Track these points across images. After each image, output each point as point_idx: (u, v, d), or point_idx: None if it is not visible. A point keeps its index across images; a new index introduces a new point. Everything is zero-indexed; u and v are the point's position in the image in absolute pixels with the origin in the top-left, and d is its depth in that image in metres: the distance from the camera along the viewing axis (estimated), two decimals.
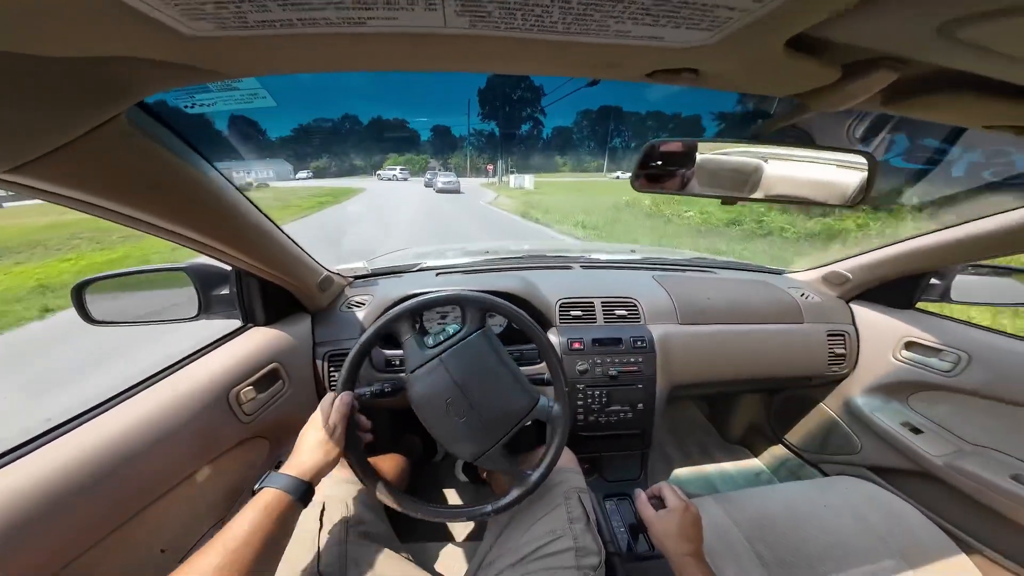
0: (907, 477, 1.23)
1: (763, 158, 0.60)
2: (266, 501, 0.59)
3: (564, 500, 0.86)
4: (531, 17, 0.28)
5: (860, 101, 0.44)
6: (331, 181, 47.69)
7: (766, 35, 0.31)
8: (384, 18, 0.27)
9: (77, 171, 0.44)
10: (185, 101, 0.48)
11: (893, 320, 1.29)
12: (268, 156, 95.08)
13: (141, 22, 0.26)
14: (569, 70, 0.38)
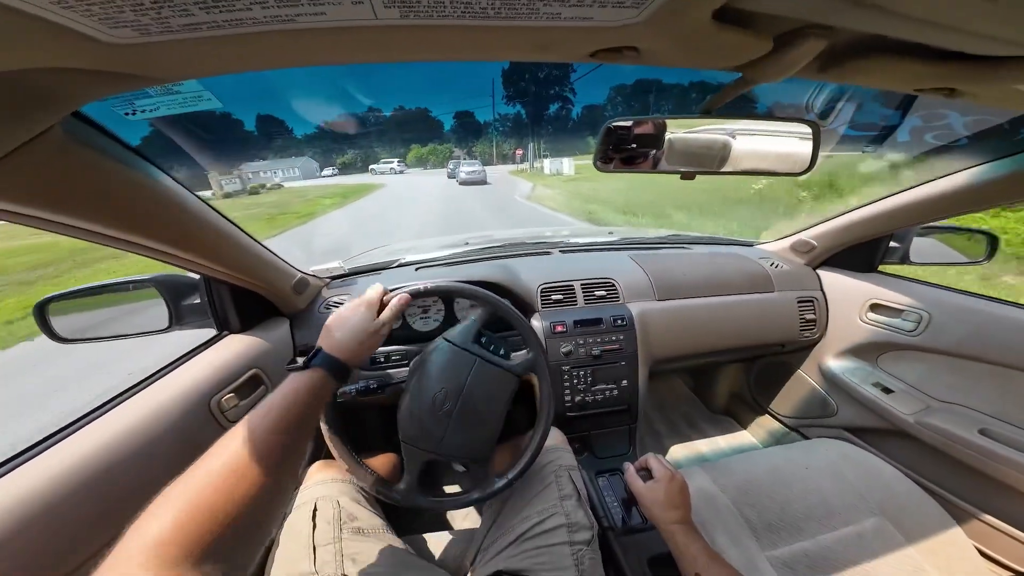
0: (882, 436, 1.27)
1: (715, 132, 0.62)
2: (313, 382, 0.58)
3: (555, 478, 0.87)
4: (460, 5, 0.28)
5: (796, 70, 0.45)
6: (354, 177, 44.70)
7: (690, 9, 0.32)
8: (312, 14, 0.27)
9: (14, 185, 0.42)
10: (125, 108, 0.46)
11: (858, 283, 1.34)
12: (294, 155, 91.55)
13: (57, 33, 0.26)
14: (509, 54, 0.38)
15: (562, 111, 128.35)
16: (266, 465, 0.47)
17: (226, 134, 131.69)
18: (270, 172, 58.57)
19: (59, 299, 0.87)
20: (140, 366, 0.98)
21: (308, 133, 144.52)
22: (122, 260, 8.50)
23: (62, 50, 0.28)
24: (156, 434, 0.72)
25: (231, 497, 0.42)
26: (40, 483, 0.56)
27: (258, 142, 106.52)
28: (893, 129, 4.79)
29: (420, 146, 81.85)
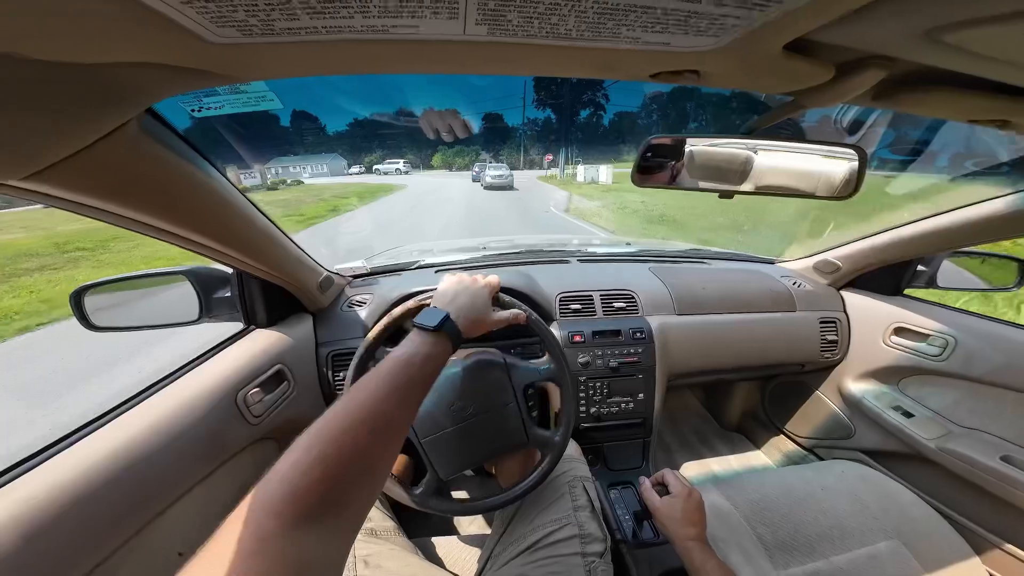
0: (900, 460, 1.26)
1: (758, 151, 0.62)
2: (439, 348, 0.56)
3: (568, 489, 0.87)
4: (547, 25, 0.29)
5: (851, 98, 0.46)
6: (377, 177, 43.00)
7: (767, 39, 0.32)
8: (407, 27, 0.28)
9: (87, 177, 0.44)
10: (192, 104, 0.48)
11: (882, 306, 1.32)
12: (322, 151, 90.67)
13: (166, 28, 0.27)
14: (575, 71, 0.39)
15: (594, 117, 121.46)
16: (388, 418, 0.47)
17: (262, 129, 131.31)
18: (299, 168, 58.41)
19: (95, 287, 0.89)
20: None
21: (339, 131, 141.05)
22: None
23: (165, 45, 0.29)
24: (183, 428, 0.73)
25: (357, 443, 0.42)
26: (70, 476, 0.57)
27: (291, 138, 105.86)
28: (921, 151, 4.74)
29: (447, 148, 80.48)
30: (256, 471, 0.95)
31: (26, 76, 0.30)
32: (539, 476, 0.79)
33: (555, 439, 0.81)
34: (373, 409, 0.46)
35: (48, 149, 0.37)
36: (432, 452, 0.77)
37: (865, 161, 0.57)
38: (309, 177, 50.13)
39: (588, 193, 18.55)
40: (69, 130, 0.37)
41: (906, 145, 5.05)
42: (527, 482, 0.79)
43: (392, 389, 0.48)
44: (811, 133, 0.68)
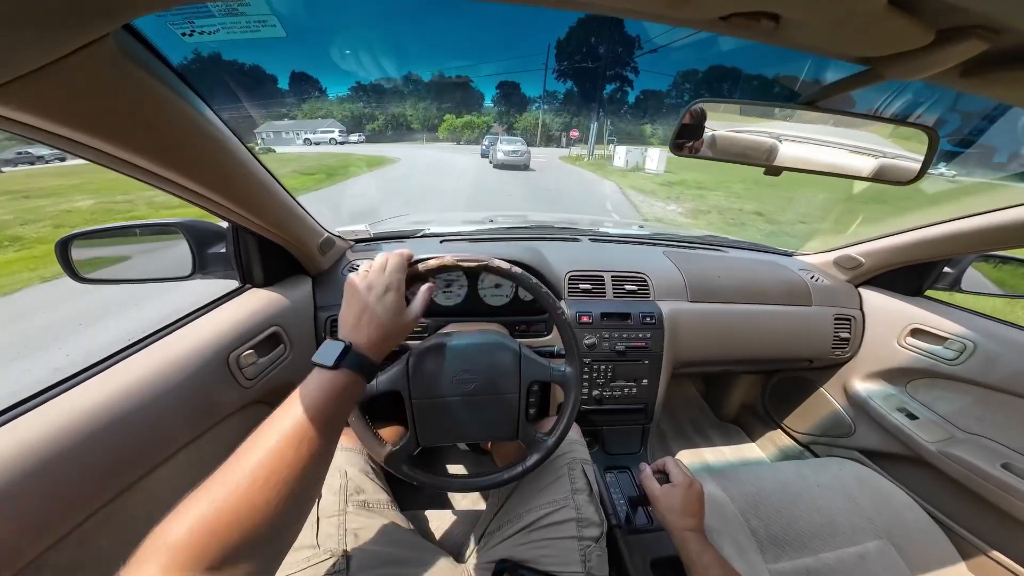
0: (898, 462, 1.26)
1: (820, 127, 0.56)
2: (345, 384, 0.51)
3: (568, 471, 0.86)
4: None
5: (940, 71, 0.41)
6: (375, 147, 38.59)
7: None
8: None
9: (54, 99, 0.38)
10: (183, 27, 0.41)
11: (901, 306, 1.29)
12: (319, 117, 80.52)
13: None
14: (639, 5, 0.33)
15: (620, 92, 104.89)
16: (291, 473, 0.43)
17: (256, 90, 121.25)
18: (292, 133, 52.39)
19: (83, 236, 0.84)
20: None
21: (340, 95, 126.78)
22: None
23: None
24: (171, 386, 0.69)
25: (254, 504, 0.40)
26: (40, 435, 0.53)
27: (288, 101, 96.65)
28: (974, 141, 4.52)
29: (455, 116, 70.38)
30: (246, 436, 0.93)
31: None
32: (520, 472, 0.76)
33: (546, 442, 0.78)
34: (270, 467, 0.43)
35: (4, 64, 0.32)
36: (420, 415, 0.74)
37: (936, 144, 0.51)
38: (300, 145, 45.12)
39: (643, 185, 13.45)
40: (31, 41, 0.31)
41: (962, 140, 4.85)
42: (507, 474, 0.77)
43: (294, 443, 0.45)
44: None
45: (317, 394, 0.48)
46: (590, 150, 29.40)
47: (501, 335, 0.82)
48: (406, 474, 0.75)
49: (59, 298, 4.08)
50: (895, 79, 0.43)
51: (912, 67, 0.39)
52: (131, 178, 0.55)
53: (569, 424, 0.79)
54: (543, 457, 0.78)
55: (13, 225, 7.60)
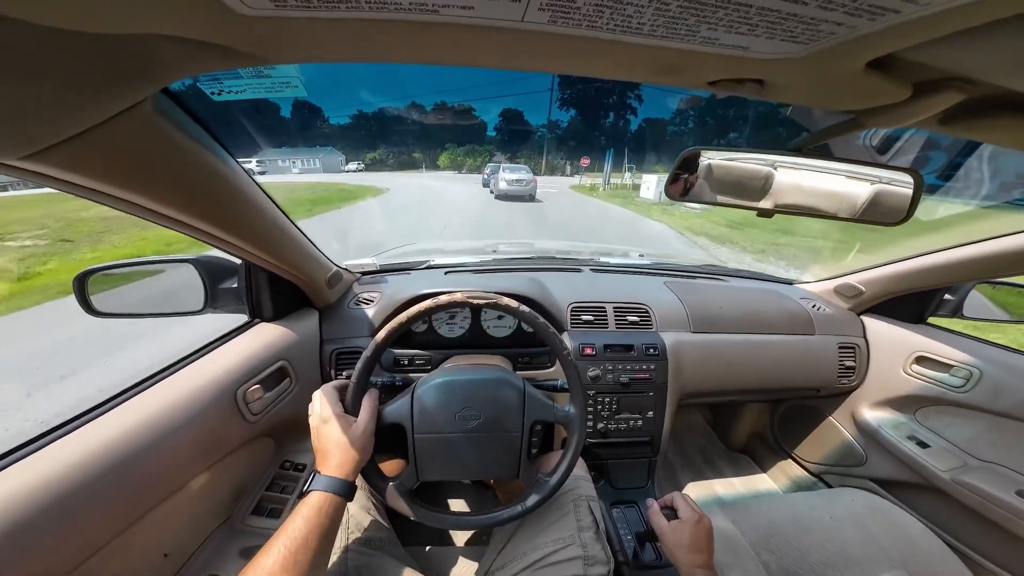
0: (911, 490, 1.23)
1: (807, 170, 0.59)
2: (319, 504, 0.61)
3: (574, 507, 0.85)
4: (618, 17, 0.26)
5: (918, 120, 0.43)
6: (373, 175, 37.15)
7: (855, 52, 0.29)
8: (460, 6, 0.25)
9: (96, 159, 0.41)
10: (212, 87, 0.44)
11: (904, 334, 1.29)
12: (320, 144, 79.59)
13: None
14: (630, 73, 0.36)
15: (619, 122, 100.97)
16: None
17: (260, 118, 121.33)
18: (288, 162, 51.36)
19: (100, 271, 0.87)
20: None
21: (341, 124, 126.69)
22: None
23: (189, 14, 0.26)
24: (179, 424, 0.70)
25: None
26: (56, 470, 0.54)
27: (289, 129, 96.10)
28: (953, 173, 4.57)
29: (456, 146, 68.72)
30: (251, 470, 0.93)
31: (32, 45, 0.27)
32: (520, 511, 0.76)
33: (548, 483, 0.78)
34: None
35: (52, 127, 0.34)
36: (421, 450, 0.74)
37: (921, 186, 0.54)
38: (298, 173, 44.52)
39: (701, 226, 10.35)
40: (77, 107, 0.34)
41: (947, 168, 4.92)
42: (507, 512, 0.76)
43: (292, 556, 0.54)
44: (836, 150, 0.65)
45: (298, 519, 0.59)
46: (605, 178, 26.59)
47: (505, 371, 0.82)
48: (403, 509, 0.74)
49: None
50: (877, 127, 0.46)
51: (892, 117, 0.42)
52: (151, 222, 0.58)
53: (572, 465, 0.78)
54: (543, 499, 0.77)
55: None
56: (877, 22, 0.25)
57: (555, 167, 55.03)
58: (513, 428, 0.75)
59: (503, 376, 0.79)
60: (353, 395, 0.73)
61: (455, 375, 0.77)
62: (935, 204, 5.48)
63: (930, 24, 0.25)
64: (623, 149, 53.90)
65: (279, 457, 0.99)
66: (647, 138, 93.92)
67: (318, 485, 0.64)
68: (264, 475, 0.95)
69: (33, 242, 8.06)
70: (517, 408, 0.76)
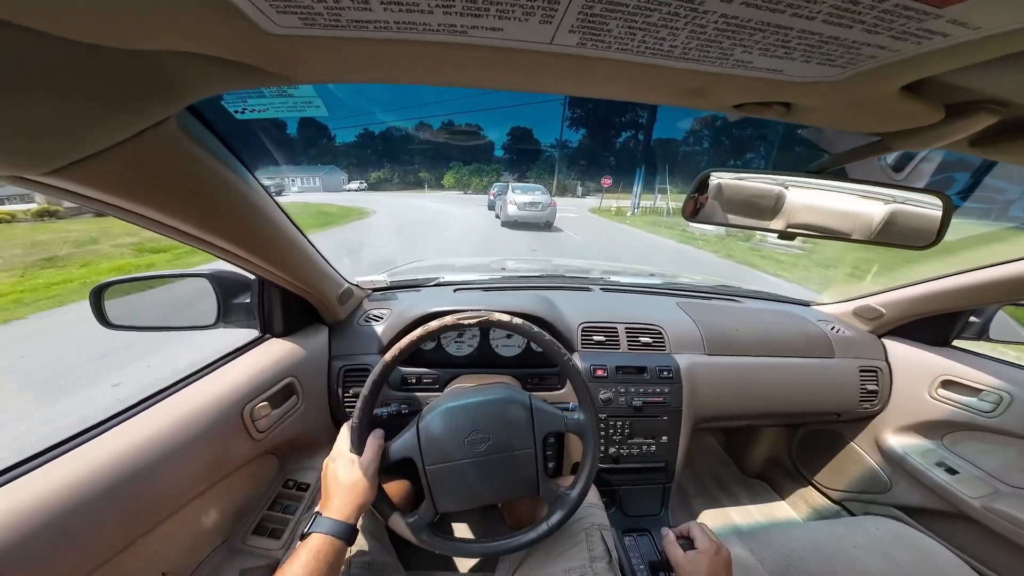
0: (939, 518, 1.19)
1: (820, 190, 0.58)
2: (317, 547, 0.61)
3: (585, 536, 0.82)
4: (651, 40, 0.25)
5: (948, 143, 0.42)
6: (369, 196, 34.27)
7: (892, 76, 0.29)
8: (489, 28, 0.24)
9: (119, 175, 0.41)
10: (236, 105, 0.45)
11: (929, 357, 1.25)
12: (322, 162, 74.55)
13: (220, 10, 0.23)
14: (656, 96, 0.36)
15: (630, 142, 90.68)
16: None
17: (275, 135, 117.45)
18: (287, 180, 46.26)
19: (116, 284, 0.88)
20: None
21: (346, 141, 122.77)
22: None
23: (217, 32, 0.26)
24: (184, 441, 0.70)
25: None
26: (57, 488, 0.53)
27: (293, 146, 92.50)
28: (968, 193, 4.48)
29: (462, 164, 63.15)
30: (253, 488, 0.91)
31: (59, 59, 0.27)
32: (546, 531, 0.74)
33: (570, 495, 0.75)
34: None
35: (77, 143, 0.34)
36: (435, 482, 0.72)
37: (951, 209, 0.52)
38: (297, 192, 41.17)
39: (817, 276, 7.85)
40: (103, 124, 0.34)
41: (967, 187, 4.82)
42: (533, 533, 0.74)
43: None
44: (851, 170, 0.64)
45: (297, 563, 0.59)
46: (635, 201, 22.12)
47: (509, 387, 0.81)
48: (426, 542, 0.72)
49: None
50: (904, 149, 0.45)
51: (922, 140, 0.41)
52: (168, 237, 0.58)
53: (592, 474, 0.76)
54: (568, 513, 0.75)
55: None
56: (923, 46, 0.24)
57: (566, 187, 51.36)
58: (525, 445, 0.73)
59: (507, 393, 0.77)
60: (358, 433, 0.71)
61: (458, 400, 0.75)
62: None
63: (977, 48, 0.24)
64: (654, 167, 45.90)
65: (282, 475, 0.98)
66: (685, 155, 78.19)
67: (318, 528, 0.63)
68: (267, 494, 0.94)
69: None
70: (526, 424, 0.74)
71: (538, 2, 0.22)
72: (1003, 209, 5.65)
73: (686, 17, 0.23)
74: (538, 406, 0.76)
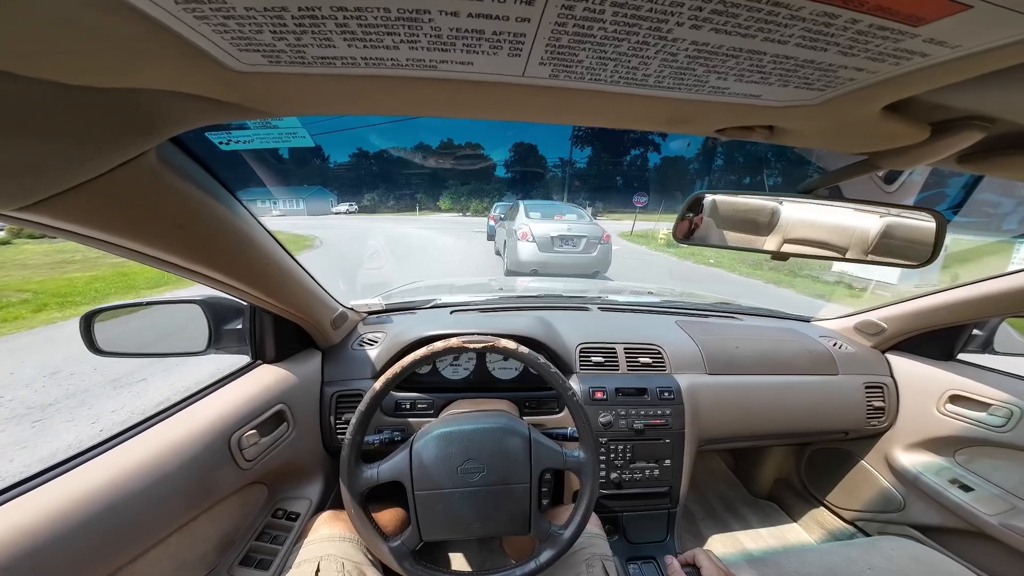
0: (956, 536, 1.15)
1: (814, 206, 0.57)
2: None
3: (586, 568, 0.79)
4: (622, 70, 0.25)
5: (936, 160, 0.41)
6: (348, 220, 30.31)
7: (872, 97, 0.28)
8: (458, 63, 0.24)
9: (98, 209, 0.41)
10: (221, 137, 0.45)
11: (935, 372, 1.23)
12: (309, 183, 67.85)
13: (182, 51, 0.23)
14: (638, 123, 0.35)
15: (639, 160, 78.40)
16: None
17: (253, 163, 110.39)
18: (269, 203, 41.12)
19: (106, 311, 0.87)
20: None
21: (339, 162, 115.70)
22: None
23: (183, 71, 0.26)
24: (172, 468, 0.67)
25: None
26: (34, 519, 0.51)
27: (283, 171, 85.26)
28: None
29: (460, 183, 58.90)
30: (240, 518, 0.88)
31: (30, 99, 0.26)
32: (534, 568, 0.71)
33: (562, 535, 0.73)
34: None
35: (51, 180, 0.34)
36: (423, 508, 0.69)
37: (944, 226, 0.51)
38: (278, 215, 36.64)
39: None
40: (77, 161, 0.34)
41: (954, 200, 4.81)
42: (518, 571, 0.71)
43: None
44: (845, 187, 0.64)
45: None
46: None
47: (509, 417, 0.79)
48: (408, 571, 0.70)
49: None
50: (892, 168, 0.44)
51: (909, 158, 0.40)
52: (155, 268, 0.58)
53: (587, 516, 0.73)
54: (558, 553, 0.72)
55: None
56: (901, 67, 0.23)
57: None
58: (520, 480, 0.71)
59: (506, 424, 0.75)
60: (346, 462, 0.70)
61: (455, 425, 0.73)
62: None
63: (958, 67, 0.23)
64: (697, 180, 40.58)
65: (271, 505, 0.95)
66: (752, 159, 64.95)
67: None
68: (255, 524, 0.90)
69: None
70: (523, 457, 0.72)
71: (504, 36, 0.22)
72: (997, 222, 5.62)
73: (655, 46, 0.23)
74: (537, 439, 0.74)
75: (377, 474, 0.71)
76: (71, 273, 8.14)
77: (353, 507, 0.71)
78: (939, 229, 0.52)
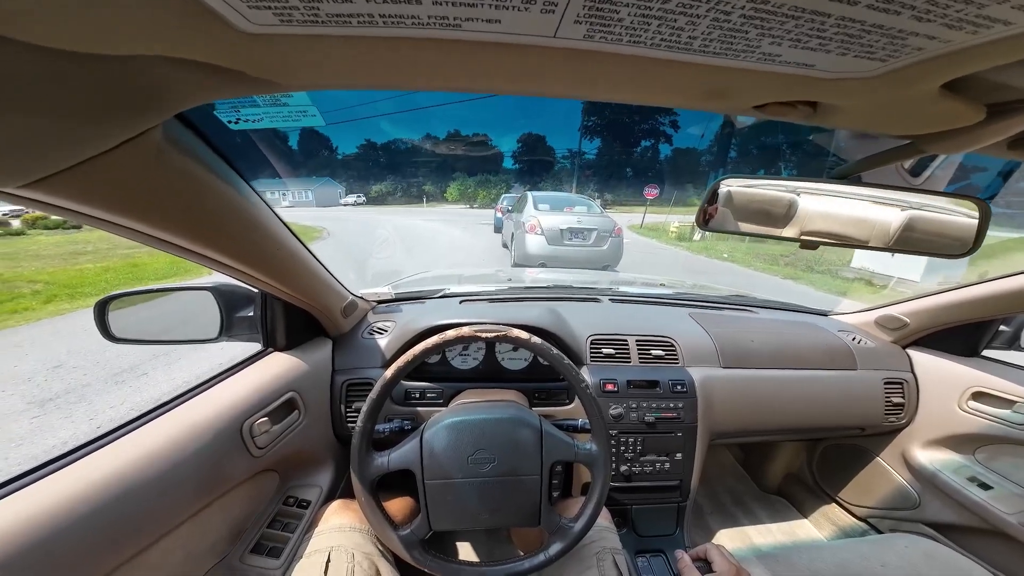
0: (973, 535, 1.13)
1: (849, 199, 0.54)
2: None
3: (597, 562, 0.78)
4: (666, 30, 0.22)
5: (985, 145, 0.39)
6: (357, 212, 29.86)
7: (938, 72, 0.26)
8: (485, 20, 0.22)
9: (100, 188, 0.39)
10: (229, 116, 0.43)
11: (958, 368, 1.19)
12: (317, 174, 67.28)
13: (192, 11, 0.22)
14: (670, 98, 0.33)
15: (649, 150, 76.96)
16: None
17: (262, 145, 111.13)
18: (278, 194, 41.66)
19: (120, 297, 0.87)
20: None
21: (346, 153, 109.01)
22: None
23: (189, 32, 0.24)
24: (184, 457, 0.68)
25: None
26: (45, 508, 0.51)
27: (291, 157, 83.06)
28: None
29: (467, 175, 57.25)
30: (252, 505, 0.89)
31: (30, 71, 0.25)
32: (543, 560, 0.70)
33: (573, 528, 0.72)
34: None
35: (53, 157, 0.33)
36: (432, 497, 0.69)
37: (987, 215, 0.48)
38: (288, 206, 37.03)
39: None
40: (80, 137, 0.32)
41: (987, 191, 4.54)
42: (528, 563, 0.71)
43: None
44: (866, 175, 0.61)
45: None
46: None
47: (520, 408, 0.78)
48: (417, 560, 0.69)
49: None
50: (937, 152, 0.41)
51: (958, 142, 0.38)
52: (163, 251, 0.57)
53: (598, 510, 0.72)
54: (568, 546, 0.71)
55: None
56: (979, 35, 0.21)
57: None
58: (531, 471, 0.70)
59: (517, 414, 0.74)
60: (358, 451, 0.70)
61: (466, 414, 0.72)
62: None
63: None
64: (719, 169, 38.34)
65: (283, 493, 0.95)
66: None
67: None
68: (266, 511, 0.91)
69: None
70: (534, 449, 0.71)
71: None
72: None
73: (708, 3, 0.20)
74: (548, 431, 0.73)
75: (388, 462, 0.70)
76: (83, 264, 8.29)
77: (363, 495, 0.71)
78: (983, 218, 0.49)
